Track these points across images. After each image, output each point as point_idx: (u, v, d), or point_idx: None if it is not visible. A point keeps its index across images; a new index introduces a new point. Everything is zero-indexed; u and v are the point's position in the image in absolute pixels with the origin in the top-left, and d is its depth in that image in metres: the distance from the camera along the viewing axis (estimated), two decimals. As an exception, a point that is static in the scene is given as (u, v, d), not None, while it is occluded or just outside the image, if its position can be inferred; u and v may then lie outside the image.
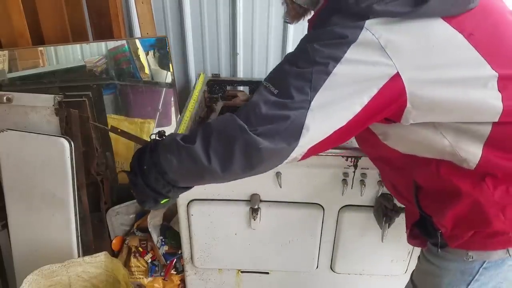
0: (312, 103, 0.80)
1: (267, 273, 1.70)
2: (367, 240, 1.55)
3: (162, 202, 0.96)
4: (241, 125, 0.82)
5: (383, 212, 1.40)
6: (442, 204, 0.95)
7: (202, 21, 1.96)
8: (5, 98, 1.48)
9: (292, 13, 1.04)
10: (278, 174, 1.40)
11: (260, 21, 1.96)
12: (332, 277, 1.68)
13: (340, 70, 0.80)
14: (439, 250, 1.00)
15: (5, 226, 1.61)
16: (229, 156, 0.83)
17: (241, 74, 2.07)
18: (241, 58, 2.04)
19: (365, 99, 0.81)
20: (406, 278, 1.68)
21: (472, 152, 0.88)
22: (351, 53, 0.80)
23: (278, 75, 0.88)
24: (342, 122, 0.83)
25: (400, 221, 1.41)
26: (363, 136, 1.03)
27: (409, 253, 1.58)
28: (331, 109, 0.82)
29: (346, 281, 1.70)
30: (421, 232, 1.09)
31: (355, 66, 0.80)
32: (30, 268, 1.50)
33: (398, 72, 0.80)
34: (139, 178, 0.91)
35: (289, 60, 0.87)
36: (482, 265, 0.98)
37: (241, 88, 2.04)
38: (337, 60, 0.80)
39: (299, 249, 1.59)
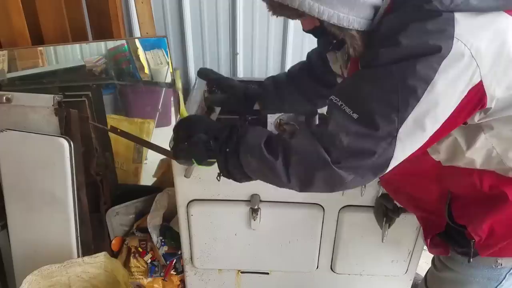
0: (400, 131, 0.75)
1: (267, 273, 1.70)
2: (367, 241, 1.54)
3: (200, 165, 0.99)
4: (324, 158, 0.78)
5: (384, 212, 1.40)
6: (480, 213, 0.95)
7: (202, 21, 1.96)
8: (4, 98, 1.47)
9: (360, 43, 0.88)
10: (278, 174, 1.40)
11: (260, 21, 1.96)
12: (332, 277, 1.68)
13: (430, 94, 0.74)
14: (471, 260, 0.99)
15: (5, 226, 1.61)
16: (309, 182, 0.82)
17: (241, 74, 2.07)
18: (241, 58, 2.03)
19: (447, 113, 0.78)
20: (407, 279, 1.69)
21: None
22: (442, 71, 0.73)
23: (355, 96, 0.80)
24: (424, 141, 0.80)
25: (401, 221, 1.41)
26: None
27: (409, 253, 1.58)
28: (418, 134, 0.78)
29: (346, 281, 1.69)
30: (444, 241, 1.07)
31: (445, 84, 0.74)
32: (29, 268, 1.49)
33: (482, 80, 0.76)
34: (222, 155, 0.91)
35: (369, 80, 0.79)
36: (509, 271, 0.99)
37: (241, 88, 2.04)
38: (427, 82, 0.73)
39: (299, 249, 1.58)
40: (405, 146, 0.78)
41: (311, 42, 2.00)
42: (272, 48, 2.02)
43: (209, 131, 0.95)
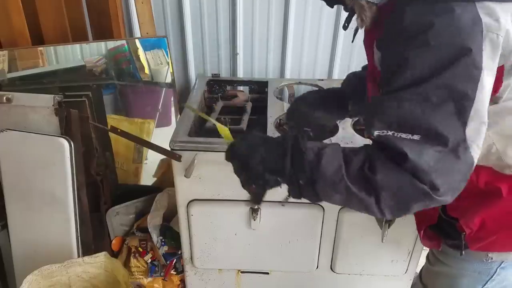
0: (467, 132, 0.75)
1: (267, 273, 1.70)
2: (367, 241, 1.55)
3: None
4: (423, 189, 0.75)
5: (384, 212, 1.40)
6: (474, 206, 0.96)
7: (202, 21, 1.96)
8: (4, 98, 1.48)
9: (368, 15, 0.87)
10: (278, 174, 1.40)
11: (260, 21, 1.96)
12: (332, 277, 1.68)
13: (479, 90, 0.75)
14: (463, 252, 1.00)
15: (5, 226, 1.61)
16: (405, 211, 0.80)
17: (241, 74, 2.08)
18: (241, 58, 2.04)
19: None
20: (407, 279, 1.69)
21: None
22: (484, 67, 0.74)
23: (406, 118, 0.76)
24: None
25: (400, 221, 1.41)
26: None
27: (409, 253, 1.58)
28: (482, 128, 0.78)
29: (346, 281, 1.69)
30: (436, 233, 1.08)
31: (488, 76, 0.76)
32: (30, 268, 1.49)
33: (504, 64, 0.79)
34: (295, 186, 0.86)
35: (413, 100, 0.76)
36: (500, 265, 0.99)
37: (241, 88, 2.04)
38: (475, 82, 0.74)
39: (299, 249, 1.58)
40: (478, 143, 0.77)
41: (310, 42, 2.01)
42: (272, 48, 2.03)
43: (267, 166, 0.88)
